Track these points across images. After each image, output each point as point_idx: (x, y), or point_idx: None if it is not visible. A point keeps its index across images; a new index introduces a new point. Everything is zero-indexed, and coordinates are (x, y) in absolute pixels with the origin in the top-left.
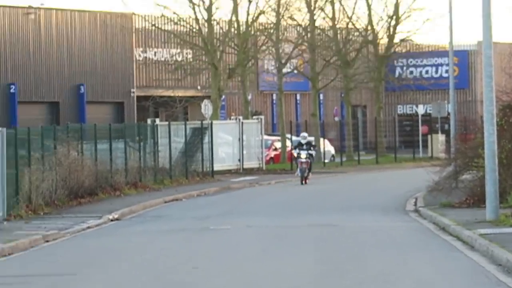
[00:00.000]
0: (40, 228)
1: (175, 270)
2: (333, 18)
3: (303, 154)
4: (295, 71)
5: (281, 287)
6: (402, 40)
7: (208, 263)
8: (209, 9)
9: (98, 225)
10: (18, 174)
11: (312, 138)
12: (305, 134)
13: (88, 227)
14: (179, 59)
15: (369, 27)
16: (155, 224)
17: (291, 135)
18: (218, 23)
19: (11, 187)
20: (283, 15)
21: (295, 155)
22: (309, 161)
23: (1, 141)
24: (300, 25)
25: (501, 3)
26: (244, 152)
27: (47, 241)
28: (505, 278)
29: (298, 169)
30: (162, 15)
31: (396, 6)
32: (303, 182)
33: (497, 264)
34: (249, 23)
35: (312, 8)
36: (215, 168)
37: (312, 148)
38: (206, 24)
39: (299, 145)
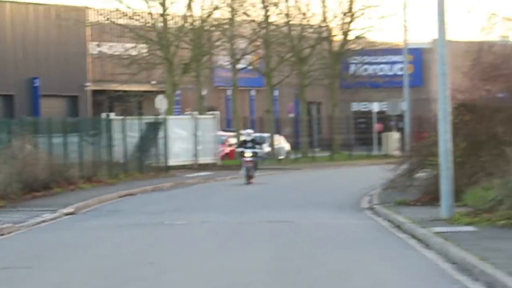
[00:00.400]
0: None
1: (130, 264)
2: (287, 14)
3: (247, 153)
4: (250, 67)
5: (236, 283)
6: (357, 37)
7: (163, 258)
8: (163, 3)
9: (53, 219)
10: None
11: (265, 135)
12: (249, 131)
13: (43, 221)
14: (134, 53)
15: (323, 24)
16: (110, 219)
17: (246, 131)
18: (172, 18)
19: None
20: (237, 11)
21: (240, 153)
22: (254, 159)
23: None
24: (254, 21)
25: (455, 2)
26: (199, 147)
27: (2, 235)
28: (460, 277)
29: (243, 168)
30: (117, 9)
31: (351, 3)
32: (248, 181)
33: (452, 263)
34: (204, 18)
35: (266, 4)
36: (170, 163)
37: (257, 146)
38: (160, 19)
39: (243, 143)
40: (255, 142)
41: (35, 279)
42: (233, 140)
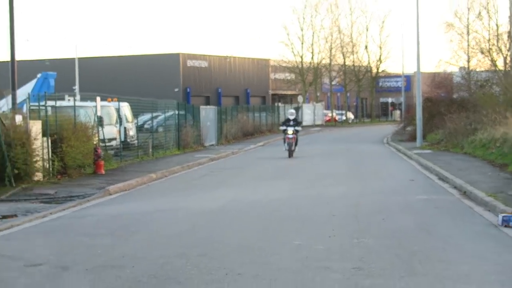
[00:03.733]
0: (230, 148)
1: (282, 170)
2: (353, 60)
3: (290, 130)
4: (337, 83)
5: (330, 173)
6: (382, 70)
7: (298, 167)
8: (301, 57)
9: (254, 148)
10: (222, 126)
11: (343, 111)
12: (292, 111)
13: (250, 149)
14: (289, 78)
15: (368, 65)
16: (278, 147)
17: (335, 110)
18: (305, 63)
19: (218, 131)
20: (332, 59)
21: (283, 131)
22: (295, 136)
23: (216, 112)
24: (339, 64)
25: (425, 53)
26: (315, 117)
27: (233, 154)
28: (425, 171)
29: (286, 144)
30: (282, 59)
31: (380, 55)
32: (290, 155)
33: (421, 166)
34: (318, 62)
35: (344, 56)
36: (304, 124)
37: (298, 124)
38: (300, 63)
39: (286, 121)
40: (297, 121)
41: (245, 173)
42: (330, 114)
